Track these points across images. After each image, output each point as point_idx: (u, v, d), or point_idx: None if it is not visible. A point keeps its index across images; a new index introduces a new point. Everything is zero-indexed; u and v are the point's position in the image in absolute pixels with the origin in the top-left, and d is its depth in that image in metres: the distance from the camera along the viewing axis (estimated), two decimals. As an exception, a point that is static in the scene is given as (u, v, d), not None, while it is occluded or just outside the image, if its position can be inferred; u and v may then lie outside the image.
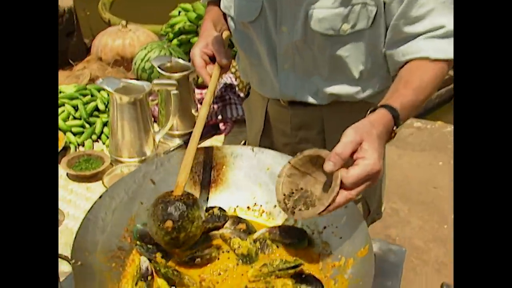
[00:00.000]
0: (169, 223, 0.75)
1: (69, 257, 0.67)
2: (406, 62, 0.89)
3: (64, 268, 0.83)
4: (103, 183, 1.13)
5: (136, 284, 0.73)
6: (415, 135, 3.00)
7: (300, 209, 0.73)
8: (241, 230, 0.88)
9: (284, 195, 0.76)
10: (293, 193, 0.77)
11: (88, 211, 0.77)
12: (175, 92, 1.24)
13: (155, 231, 0.77)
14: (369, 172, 0.67)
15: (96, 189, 1.16)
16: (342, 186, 0.68)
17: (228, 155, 0.96)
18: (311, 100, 1.03)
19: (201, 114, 0.93)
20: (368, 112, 0.78)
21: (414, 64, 0.87)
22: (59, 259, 0.68)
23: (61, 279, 0.81)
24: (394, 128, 0.77)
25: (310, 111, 1.07)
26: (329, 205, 0.68)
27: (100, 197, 0.80)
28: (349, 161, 0.69)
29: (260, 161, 0.95)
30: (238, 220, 0.90)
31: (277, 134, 1.18)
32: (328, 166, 0.68)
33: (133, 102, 1.18)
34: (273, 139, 1.20)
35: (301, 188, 0.77)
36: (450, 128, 3.02)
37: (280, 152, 0.94)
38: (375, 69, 0.98)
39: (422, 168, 2.71)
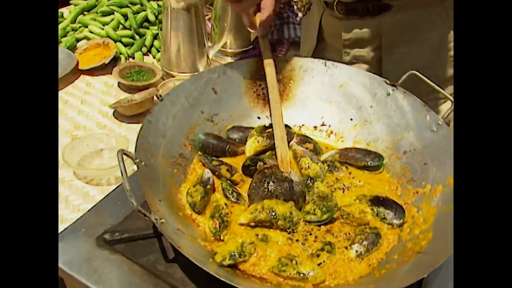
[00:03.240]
0: (291, 203, 0.67)
1: (133, 157, 0.62)
2: None
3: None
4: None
5: (194, 186, 0.68)
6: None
7: None
8: (308, 150, 0.80)
9: None
10: None
11: (149, 113, 0.71)
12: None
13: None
14: None
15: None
16: None
17: (296, 69, 0.86)
18: None
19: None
20: None
21: None
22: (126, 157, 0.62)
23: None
24: None
25: (365, 23, 0.91)
26: None
27: (161, 100, 0.74)
28: None
29: (333, 77, 0.85)
30: (304, 139, 0.82)
31: (331, 53, 1.04)
32: None
33: (189, 8, 1.08)
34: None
35: None
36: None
37: None
38: None
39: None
